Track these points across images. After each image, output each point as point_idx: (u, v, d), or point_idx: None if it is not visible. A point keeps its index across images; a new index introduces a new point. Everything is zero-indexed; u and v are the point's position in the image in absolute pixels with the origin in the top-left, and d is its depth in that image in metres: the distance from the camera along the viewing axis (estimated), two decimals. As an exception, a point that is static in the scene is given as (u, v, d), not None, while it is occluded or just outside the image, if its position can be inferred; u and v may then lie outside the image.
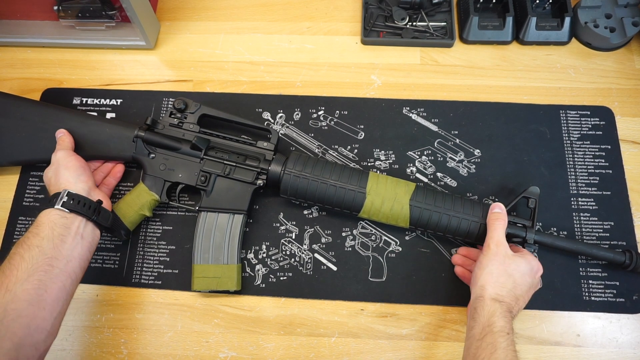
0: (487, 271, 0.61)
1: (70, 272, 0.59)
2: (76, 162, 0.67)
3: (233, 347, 0.69)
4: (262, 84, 0.85)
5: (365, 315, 0.70)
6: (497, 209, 0.66)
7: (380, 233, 0.74)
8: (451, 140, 0.79)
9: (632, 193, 0.75)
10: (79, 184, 0.65)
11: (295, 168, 0.69)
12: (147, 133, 0.72)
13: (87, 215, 0.62)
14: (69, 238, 0.60)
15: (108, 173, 0.75)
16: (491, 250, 0.62)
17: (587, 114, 0.80)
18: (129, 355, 0.69)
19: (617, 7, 0.84)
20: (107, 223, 0.65)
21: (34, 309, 0.54)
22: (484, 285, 0.60)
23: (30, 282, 0.55)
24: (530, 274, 0.62)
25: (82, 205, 0.62)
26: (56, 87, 0.85)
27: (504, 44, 0.86)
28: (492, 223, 0.65)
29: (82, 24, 0.83)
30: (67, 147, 0.69)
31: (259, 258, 0.73)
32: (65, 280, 0.58)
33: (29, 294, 0.55)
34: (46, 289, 0.56)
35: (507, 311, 0.58)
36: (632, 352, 0.67)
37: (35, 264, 0.56)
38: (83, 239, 0.62)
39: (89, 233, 0.63)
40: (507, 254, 0.62)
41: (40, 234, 0.59)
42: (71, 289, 0.60)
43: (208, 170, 0.71)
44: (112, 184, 0.75)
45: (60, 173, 0.65)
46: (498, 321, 0.56)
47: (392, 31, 0.87)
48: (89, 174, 0.67)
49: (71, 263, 0.59)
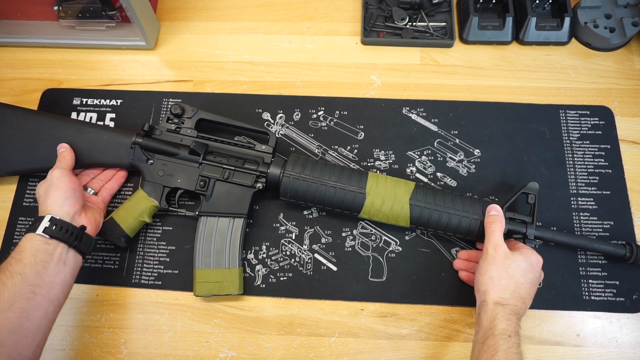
0: (487, 276, 0.61)
1: (53, 299, 0.59)
2: (67, 185, 0.65)
3: (233, 347, 0.69)
4: (262, 84, 0.85)
5: (365, 315, 0.70)
6: (493, 211, 0.66)
7: (380, 233, 0.74)
8: (451, 140, 0.79)
9: (632, 193, 0.75)
10: (65, 207, 0.63)
11: (294, 170, 0.69)
12: (144, 139, 0.71)
13: (68, 242, 0.61)
14: (51, 264, 0.59)
15: (111, 178, 0.75)
16: (490, 255, 0.62)
17: (587, 113, 0.80)
18: (129, 355, 0.69)
19: (617, 7, 0.84)
20: (89, 250, 0.64)
21: (16, 338, 0.54)
22: (486, 291, 0.60)
23: (12, 310, 0.55)
24: (531, 269, 0.62)
25: (63, 232, 0.61)
26: (56, 88, 0.85)
27: (504, 44, 0.86)
28: (489, 226, 0.65)
29: (82, 24, 0.83)
30: (64, 165, 0.68)
31: (259, 258, 0.73)
32: (47, 308, 0.58)
33: (11, 322, 0.54)
34: (28, 317, 0.55)
35: (510, 313, 0.58)
36: (632, 352, 0.68)
37: (17, 292, 0.56)
38: (65, 265, 0.61)
39: (71, 259, 0.62)
40: (506, 255, 0.62)
41: (23, 260, 0.58)
42: (53, 315, 0.59)
43: (207, 175, 0.71)
44: (114, 189, 0.75)
45: (49, 193, 0.65)
46: (500, 324, 0.57)
47: (392, 31, 0.87)
48: (77, 198, 0.65)
49: (54, 290, 0.59)
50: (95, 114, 0.82)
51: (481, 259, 0.64)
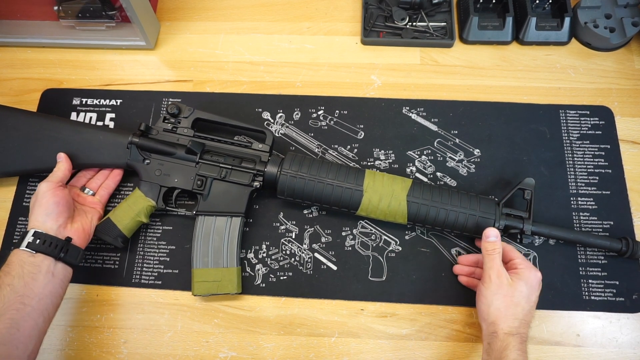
0: (494, 307, 0.61)
1: (43, 310, 0.59)
2: (50, 200, 0.64)
3: (233, 347, 0.69)
4: (262, 84, 0.85)
5: (365, 315, 0.70)
6: (492, 237, 0.64)
7: (380, 232, 0.74)
8: (451, 140, 0.79)
9: (632, 193, 0.75)
10: (47, 223, 0.63)
11: (292, 168, 0.69)
12: (141, 139, 0.71)
13: (53, 255, 0.61)
14: (40, 276, 0.59)
15: (108, 176, 0.75)
16: (493, 282, 0.62)
17: (587, 113, 0.80)
18: (129, 355, 0.69)
19: (617, 7, 0.84)
20: (76, 261, 0.64)
21: (7, 349, 0.54)
22: (495, 322, 0.60)
23: (2, 321, 0.55)
24: (533, 291, 0.62)
25: (47, 245, 0.61)
26: (56, 88, 0.85)
27: (504, 44, 0.86)
28: (489, 254, 0.63)
29: (82, 24, 0.83)
30: (53, 178, 0.67)
31: (259, 258, 0.73)
32: (37, 319, 0.58)
33: (1, 333, 0.54)
34: (19, 327, 0.55)
35: (521, 342, 0.59)
36: (632, 352, 0.68)
37: (6, 303, 0.56)
38: (54, 277, 0.61)
39: (60, 270, 0.62)
40: (509, 282, 0.62)
41: (12, 272, 0.58)
42: (43, 326, 0.59)
43: (204, 174, 0.71)
44: (111, 187, 0.75)
45: (34, 208, 0.65)
46: (510, 354, 0.57)
47: (392, 31, 0.87)
48: (60, 211, 0.64)
49: (43, 301, 0.59)
50: (95, 114, 0.82)
51: (482, 286, 0.63)
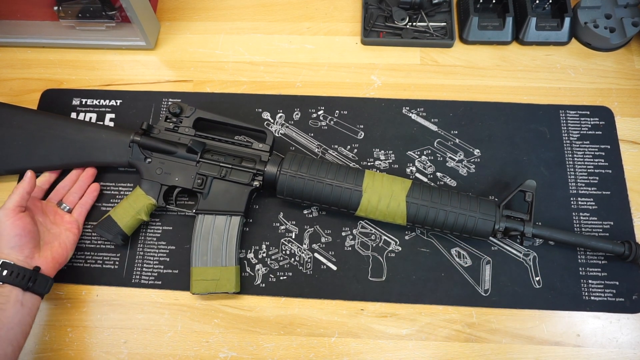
0: None
1: (12, 340, 0.59)
2: (11, 232, 0.62)
3: (233, 347, 0.69)
4: (262, 84, 0.85)
5: (365, 315, 0.70)
6: None
7: (380, 233, 0.74)
8: (451, 140, 0.79)
9: (632, 193, 0.75)
10: (12, 255, 0.62)
11: (291, 168, 0.69)
12: (143, 138, 0.72)
13: (21, 286, 0.61)
14: (8, 306, 0.59)
15: (83, 193, 0.75)
16: None
17: (587, 113, 0.80)
18: (129, 355, 0.69)
19: (617, 7, 0.84)
20: (45, 290, 0.64)
21: None
22: None
23: None
24: None
25: (14, 277, 0.61)
26: (56, 88, 0.85)
27: (504, 44, 0.86)
28: None
29: (82, 24, 0.83)
30: (10, 204, 0.64)
31: (258, 258, 0.73)
32: (6, 348, 0.58)
33: None
34: None
35: None
36: (632, 352, 0.67)
37: None
38: (23, 307, 0.61)
39: (29, 300, 0.62)
40: None
41: None
42: (12, 356, 0.59)
43: (204, 173, 0.71)
44: (88, 204, 0.74)
45: None
46: None
47: (392, 31, 0.87)
48: (24, 243, 0.63)
49: (12, 330, 0.59)
50: (95, 114, 0.82)
51: None
